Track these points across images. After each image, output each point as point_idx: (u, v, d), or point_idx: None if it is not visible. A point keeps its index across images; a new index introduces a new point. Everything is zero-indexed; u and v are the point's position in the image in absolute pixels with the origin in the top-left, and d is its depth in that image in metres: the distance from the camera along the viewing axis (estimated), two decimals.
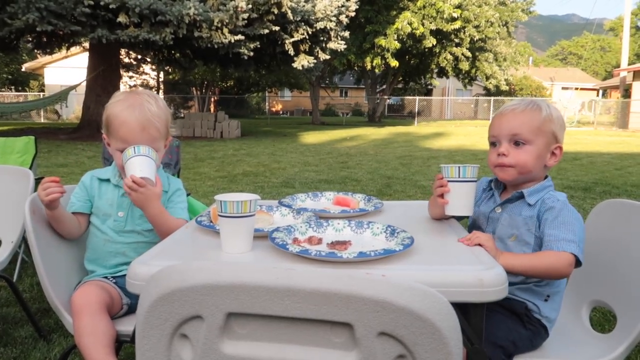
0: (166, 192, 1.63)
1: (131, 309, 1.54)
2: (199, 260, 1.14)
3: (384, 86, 29.91)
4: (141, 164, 1.45)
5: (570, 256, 1.27)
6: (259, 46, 12.84)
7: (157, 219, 1.50)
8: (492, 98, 28.23)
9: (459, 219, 1.49)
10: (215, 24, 11.54)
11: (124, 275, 1.53)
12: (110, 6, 10.69)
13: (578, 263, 1.29)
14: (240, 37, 11.99)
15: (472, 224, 1.54)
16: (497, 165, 1.43)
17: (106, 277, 1.58)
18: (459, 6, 23.08)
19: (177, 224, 1.52)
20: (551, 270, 1.29)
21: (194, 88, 32.76)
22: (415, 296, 0.67)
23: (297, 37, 13.27)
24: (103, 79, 13.73)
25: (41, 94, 27.56)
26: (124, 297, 1.53)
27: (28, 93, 31.42)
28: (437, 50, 24.99)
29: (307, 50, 14.37)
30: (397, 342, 0.69)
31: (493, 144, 1.46)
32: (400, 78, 30.42)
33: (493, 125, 1.46)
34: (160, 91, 29.38)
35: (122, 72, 19.09)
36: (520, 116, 1.39)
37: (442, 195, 1.35)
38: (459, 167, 1.32)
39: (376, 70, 25.84)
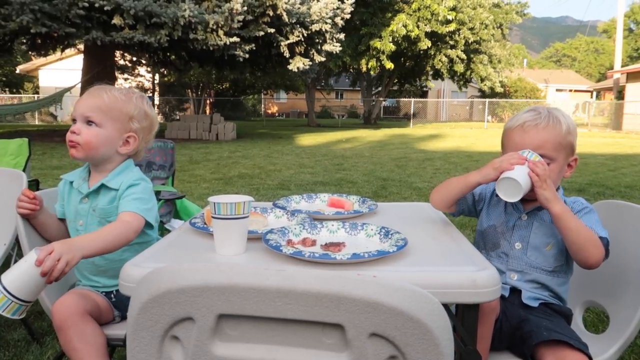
0: (117, 190, 1.49)
1: (124, 319, 1.50)
2: (193, 262, 1.14)
3: (380, 88, 29.96)
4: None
5: (602, 247, 1.26)
6: (254, 48, 12.84)
7: (103, 249, 1.33)
8: (487, 100, 28.34)
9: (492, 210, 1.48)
10: (210, 26, 11.53)
11: (110, 292, 1.52)
12: (105, 8, 10.66)
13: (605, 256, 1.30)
14: (235, 39, 11.99)
15: (486, 233, 1.48)
16: None
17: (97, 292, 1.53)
18: (453, 8, 23.18)
19: (122, 228, 1.36)
20: (589, 245, 1.25)
21: (189, 90, 32.71)
22: (405, 297, 0.67)
23: (292, 39, 13.28)
24: (98, 81, 13.68)
25: (36, 96, 27.45)
26: (115, 310, 1.50)
27: (22, 95, 31.30)
28: (432, 53, 25.07)
29: (303, 52, 14.39)
30: (388, 343, 0.69)
31: None
32: (396, 80, 30.48)
33: (514, 140, 1.39)
34: (156, 93, 29.33)
35: (117, 74, 19.04)
36: (543, 133, 1.35)
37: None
38: (542, 158, 1.30)
39: (371, 72, 25.87)
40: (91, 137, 1.47)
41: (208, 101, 32.95)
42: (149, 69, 26.57)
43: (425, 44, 23.33)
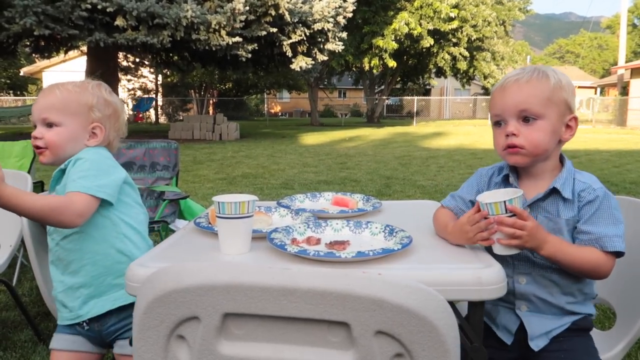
0: (63, 170, 1.38)
1: (109, 346, 1.42)
2: (198, 261, 1.14)
3: (383, 87, 29.93)
4: None
5: (613, 258, 1.17)
6: (256, 48, 12.85)
7: (24, 209, 1.22)
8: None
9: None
10: (212, 26, 11.54)
11: (78, 323, 1.36)
12: (108, 10, 10.69)
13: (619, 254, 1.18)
14: (238, 39, 12.00)
15: None
16: (506, 147, 1.21)
17: (78, 325, 1.36)
18: (456, 6, 23.14)
19: (60, 203, 1.24)
20: (596, 270, 1.16)
21: (192, 90, 32.76)
22: (411, 294, 0.67)
23: (294, 38, 13.28)
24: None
25: None
26: (94, 347, 1.39)
27: (26, 97, 31.43)
28: (435, 50, 25.03)
29: (305, 51, 14.38)
30: (394, 341, 0.69)
31: (497, 123, 1.23)
32: (399, 78, 30.46)
33: (495, 101, 1.23)
34: (159, 94, 29.39)
35: (120, 75, 19.08)
36: (525, 87, 1.18)
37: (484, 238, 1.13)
38: (504, 201, 1.07)
39: (374, 71, 25.85)
40: (54, 138, 1.37)
41: (211, 101, 32.99)
42: (152, 70, 26.62)
43: (427, 41, 23.29)
